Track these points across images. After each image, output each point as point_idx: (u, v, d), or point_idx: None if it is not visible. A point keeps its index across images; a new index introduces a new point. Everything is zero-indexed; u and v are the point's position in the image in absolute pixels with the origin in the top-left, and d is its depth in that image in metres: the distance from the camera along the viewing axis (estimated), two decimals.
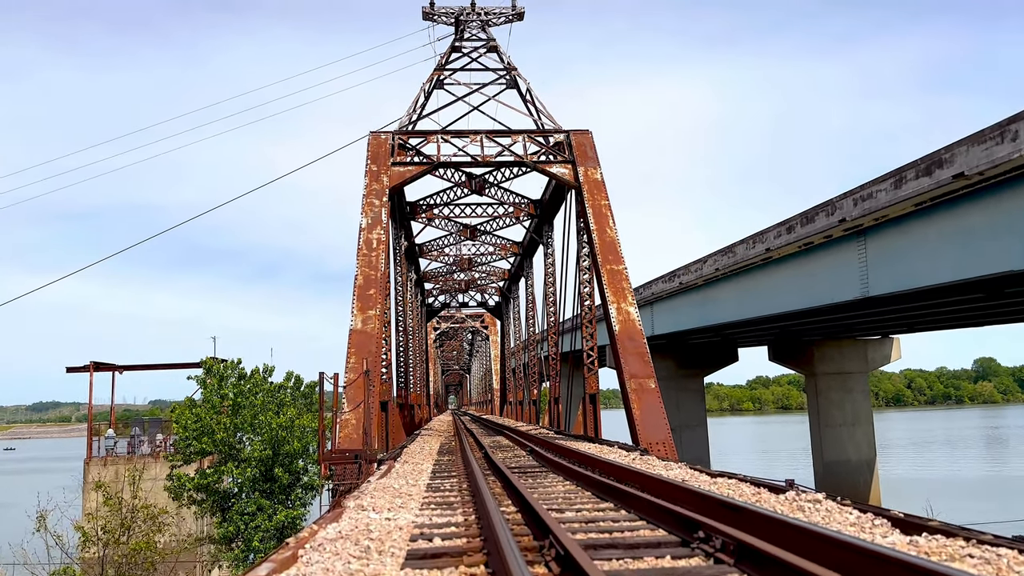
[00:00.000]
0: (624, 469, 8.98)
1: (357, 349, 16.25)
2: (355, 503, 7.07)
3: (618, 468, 9.24)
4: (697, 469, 9.79)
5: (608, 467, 9.75)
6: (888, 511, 5.61)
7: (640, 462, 11.48)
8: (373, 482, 9.35)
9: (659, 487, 7.45)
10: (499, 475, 10.36)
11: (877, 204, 23.06)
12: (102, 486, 21.20)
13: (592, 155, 21.20)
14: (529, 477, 10.38)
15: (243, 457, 29.19)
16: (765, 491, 7.35)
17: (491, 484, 9.51)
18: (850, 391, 41.85)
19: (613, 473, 9.25)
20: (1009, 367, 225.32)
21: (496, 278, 45.03)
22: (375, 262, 18.35)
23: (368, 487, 8.75)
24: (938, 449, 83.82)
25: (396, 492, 8.39)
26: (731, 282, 34.20)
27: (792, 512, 6.10)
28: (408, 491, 8.63)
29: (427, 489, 9.07)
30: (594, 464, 10.48)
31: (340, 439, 15.09)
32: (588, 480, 8.94)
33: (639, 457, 12.40)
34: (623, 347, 16.68)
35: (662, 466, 10.55)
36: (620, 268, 18.40)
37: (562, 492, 8.53)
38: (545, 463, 12.26)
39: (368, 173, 20.48)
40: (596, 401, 21.20)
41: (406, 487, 9.05)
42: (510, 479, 9.01)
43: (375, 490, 8.44)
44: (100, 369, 45.85)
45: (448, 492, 8.74)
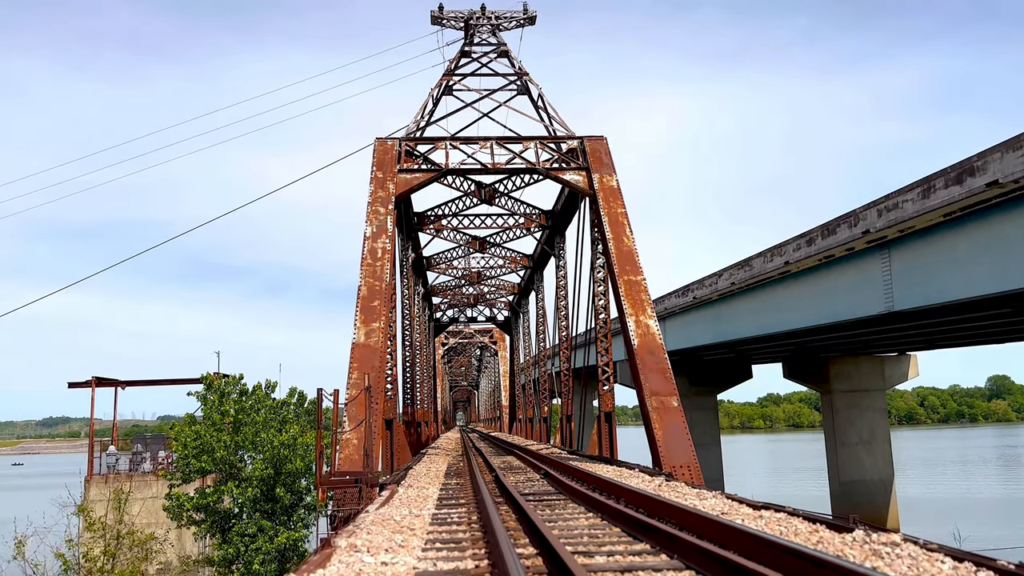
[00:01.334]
0: (654, 500, 7.94)
1: (360, 364, 15.29)
2: (347, 542, 6.07)
3: (647, 499, 8.21)
4: (735, 498, 8.75)
5: (634, 496, 8.72)
6: (993, 561, 4.57)
7: (667, 489, 10.43)
8: (371, 512, 8.34)
9: (700, 524, 6.42)
10: (512, 504, 9.34)
11: (903, 215, 22.20)
12: (85, 510, 20.16)
13: (608, 161, 20.27)
14: (546, 506, 9.35)
15: (244, 476, 28.23)
16: (824, 529, 6.30)
17: (503, 515, 8.49)
18: (867, 409, 40.93)
19: (642, 504, 8.22)
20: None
21: (505, 292, 44.07)
22: (380, 272, 17.42)
23: (365, 519, 7.75)
24: (954, 468, 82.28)
25: (397, 526, 7.38)
26: (747, 297, 33.38)
27: (868, 559, 5.07)
28: (411, 524, 7.63)
29: (432, 521, 8.07)
30: (618, 492, 9.45)
31: (340, 460, 14.09)
32: (613, 512, 7.91)
33: (664, 483, 11.34)
34: (643, 362, 15.64)
35: (694, 495, 9.50)
36: (638, 279, 17.40)
37: (585, 527, 7.49)
38: (562, 489, 11.22)
39: (373, 180, 19.61)
40: (612, 419, 20.12)
41: (408, 518, 8.04)
42: (525, 510, 7.99)
43: (373, 523, 7.44)
44: (102, 384, 45.02)
45: (456, 526, 7.72)
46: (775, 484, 62.29)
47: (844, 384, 40.70)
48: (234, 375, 30.05)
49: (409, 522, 7.73)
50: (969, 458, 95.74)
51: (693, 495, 9.45)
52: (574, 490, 10.38)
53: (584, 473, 12.27)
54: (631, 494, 8.88)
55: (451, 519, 8.25)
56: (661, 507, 7.74)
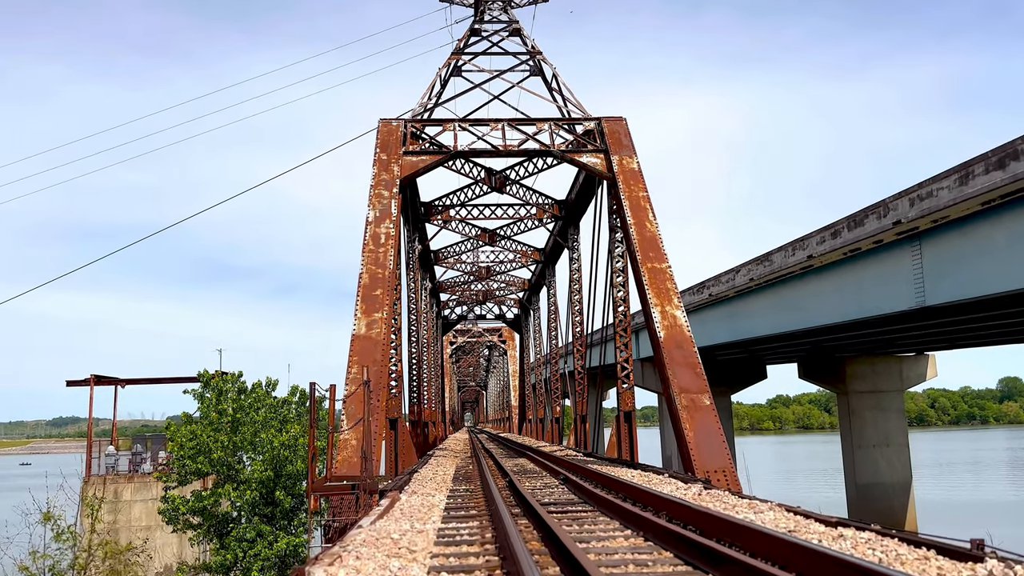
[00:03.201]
0: (704, 515, 6.56)
1: (360, 358, 13.96)
2: (327, 572, 4.72)
3: (693, 512, 6.82)
4: (797, 511, 7.35)
5: (677, 509, 7.34)
6: None
7: (710, 499, 9.03)
8: (365, 528, 6.97)
9: (775, 548, 5.05)
10: (532, 516, 7.97)
11: (938, 203, 20.89)
12: (51, 518, 18.77)
13: (627, 143, 18.89)
14: (573, 520, 7.97)
15: (242, 478, 26.96)
16: (939, 557, 4.90)
17: (523, 530, 7.13)
18: (884, 410, 39.77)
19: (688, 519, 6.84)
20: None
21: (515, 288, 42.68)
22: (383, 259, 16.08)
23: (356, 536, 6.39)
24: (969, 471, 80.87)
25: (394, 546, 6.02)
26: (766, 293, 32.07)
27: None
28: (411, 543, 6.27)
29: (437, 539, 6.70)
30: (656, 503, 8.07)
31: (337, 463, 12.77)
32: (657, 530, 6.53)
33: (703, 491, 9.93)
34: (670, 357, 14.24)
35: (745, 506, 8.10)
36: (663, 267, 16.00)
37: (627, 549, 6.10)
38: (587, 497, 9.84)
39: (377, 162, 18.27)
40: (632, 420, 18.72)
41: (409, 535, 6.68)
42: (549, 526, 6.62)
43: (364, 543, 6.08)
44: (101, 383, 43.83)
45: (467, 547, 6.35)
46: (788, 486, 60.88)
47: (861, 385, 39.63)
48: (233, 373, 28.79)
49: (410, 540, 6.37)
50: (983, 460, 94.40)
51: (744, 506, 8.05)
52: (602, 499, 9.01)
53: (609, 479, 10.89)
54: (673, 506, 7.50)
55: (460, 536, 6.88)
56: (714, 523, 6.37)
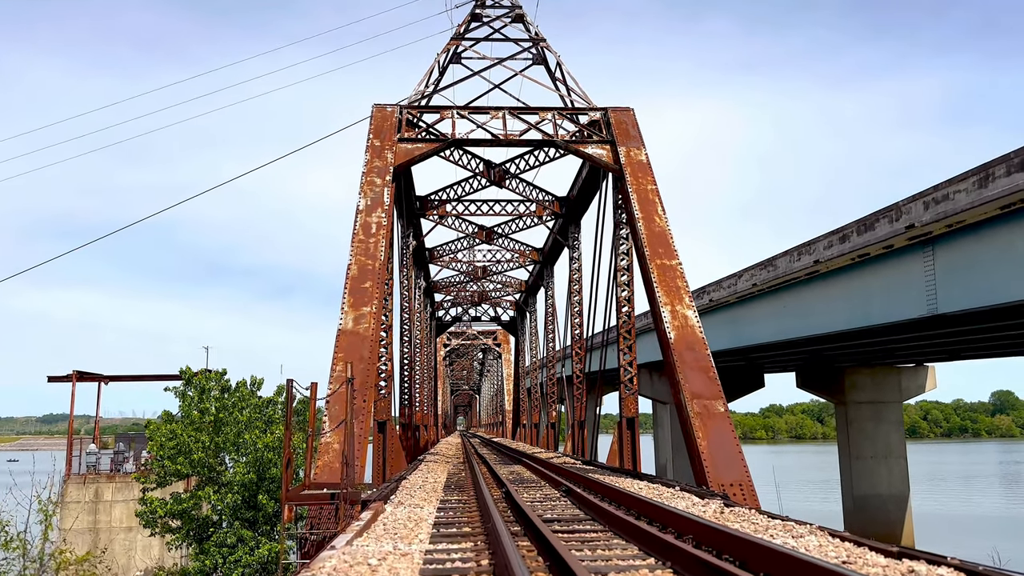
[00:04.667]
0: (744, 542, 5.49)
1: (346, 354, 12.86)
2: None
3: (730, 538, 5.75)
4: (845, 538, 6.28)
5: (704, 532, 6.26)
6: None
7: (735, 518, 7.96)
8: (339, 549, 5.87)
9: None
10: (534, 536, 6.89)
11: (955, 207, 20.06)
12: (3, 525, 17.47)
13: (635, 134, 17.86)
14: (582, 543, 6.88)
15: (224, 481, 25.81)
16: None
17: (526, 555, 6.06)
18: (883, 421, 39.18)
19: (723, 546, 5.76)
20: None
21: (512, 290, 41.60)
22: (373, 250, 15.00)
23: (326, 563, 5.29)
24: (962, 484, 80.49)
25: (371, 575, 4.93)
26: (769, 299, 31.29)
27: None
28: (393, 572, 5.18)
29: (424, 566, 5.61)
30: (675, 523, 6.99)
31: (317, 470, 11.66)
32: (686, 559, 5.45)
33: (724, 508, 8.86)
34: (681, 360, 13.19)
35: (780, 527, 7.03)
36: (673, 263, 14.96)
37: None
38: (594, 513, 8.76)
39: (370, 148, 17.21)
40: (635, 427, 17.65)
41: (390, 561, 5.60)
42: (558, 552, 5.54)
43: (335, 571, 5.00)
44: (84, 379, 42.57)
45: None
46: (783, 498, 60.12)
47: (860, 395, 39.05)
48: (216, 370, 27.64)
49: (390, 568, 5.27)
50: (975, 474, 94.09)
51: (779, 528, 6.98)
52: (612, 516, 7.93)
53: (617, 491, 9.81)
54: (698, 528, 6.42)
55: (451, 562, 5.79)
56: (754, 552, 5.30)
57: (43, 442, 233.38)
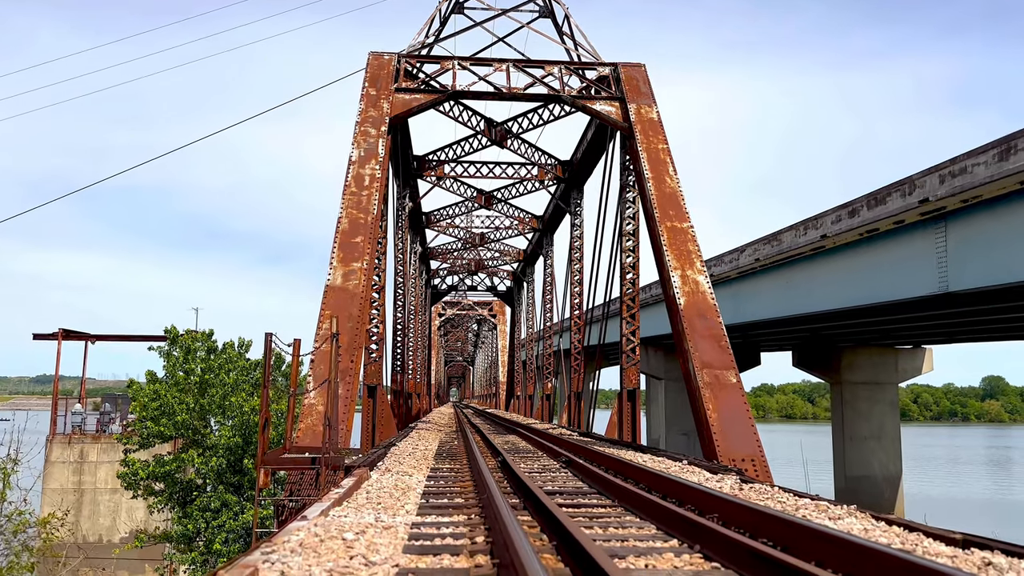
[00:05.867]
0: (786, 523, 4.69)
1: (333, 311, 11.99)
2: None
3: (766, 518, 4.94)
4: (891, 520, 5.49)
5: (731, 510, 5.46)
6: None
7: (757, 495, 7.18)
8: (311, 520, 5.04)
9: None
10: (536, 509, 6.09)
11: (972, 180, 19.26)
12: None
13: (646, 91, 16.86)
14: (591, 518, 6.07)
15: (209, 444, 25.10)
16: None
17: (528, 530, 5.26)
18: (878, 402, 38.72)
19: (758, 527, 4.96)
20: (1017, 386, 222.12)
21: (510, 259, 40.70)
22: (365, 203, 14.06)
23: (293, 536, 4.46)
24: (952, 466, 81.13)
25: (344, 553, 4.11)
26: (772, 275, 30.53)
27: None
28: (369, 549, 4.36)
29: (409, 542, 4.79)
30: (695, 498, 6.19)
31: (299, 432, 10.87)
32: (716, 541, 4.65)
33: (743, 485, 8.09)
34: (691, 327, 12.36)
35: (811, 506, 6.24)
36: (684, 226, 14.07)
37: (690, 574, 4.19)
38: (600, 485, 7.96)
39: (364, 97, 16.18)
40: (636, 399, 16.90)
41: (370, 534, 4.77)
42: (567, 530, 4.73)
43: (302, 546, 4.17)
44: (70, 338, 41.70)
45: (450, 557, 4.43)
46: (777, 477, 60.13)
47: (855, 376, 38.52)
48: (203, 331, 26.80)
49: (368, 543, 4.45)
50: (965, 457, 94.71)
51: (809, 507, 6.18)
52: (620, 489, 7.13)
53: (622, 463, 9.02)
54: (724, 505, 5.62)
55: (442, 537, 4.96)
56: (799, 535, 4.50)
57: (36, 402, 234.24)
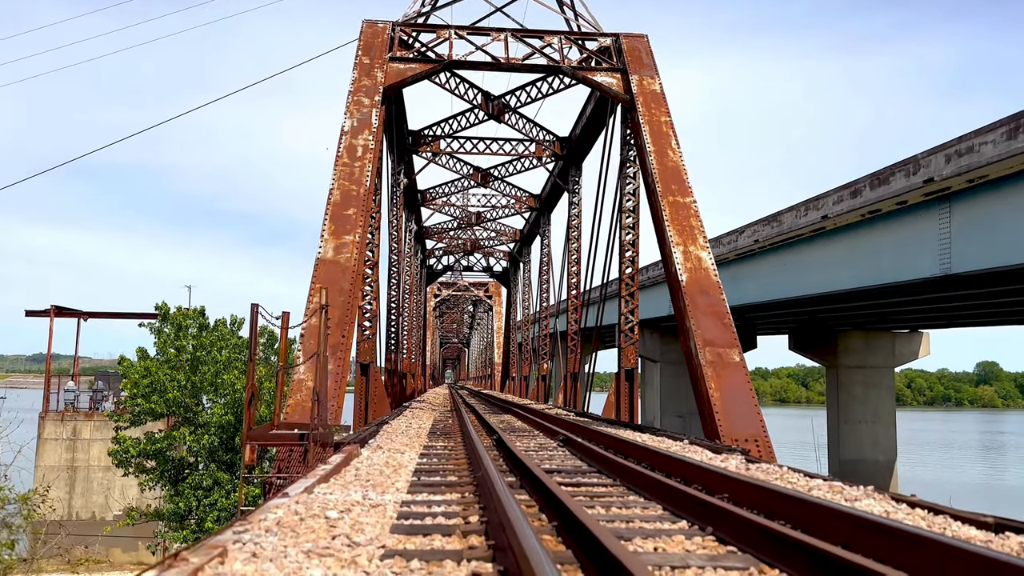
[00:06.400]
0: (807, 504, 4.34)
1: (325, 285, 11.60)
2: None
3: (786, 499, 4.60)
4: (915, 503, 5.16)
5: (746, 490, 5.12)
6: None
7: (765, 475, 6.84)
8: (293, 497, 4.68)
9: None
10: (535, 488, 5.74)
11: (979, 159, 18.92)
12: None
13: (649, 62, 16.39)
14: (595, 500, 5.72)
15: (201, 422, 24.80)
16: None
17: (526, 511, 4.91)
18: (874, 387, 38.60)
19: (778, 510, 4.61)
20: (1011, 372, 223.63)
21: (506, 239, 40.26)
22: (358, 175, 13.62)
23: (270, 514, 4.10)
24: (948, 451, 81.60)
25: (325, 534, 3.75)
26: (771, 257, 30.25)
27: None
28: (354, 529, 4.00)
29: (397, 520, 4.43)
30: (701, 477, 5.85)
31: (288, 408, 10.53)
32: (733, 523, 4.31)
33: (749, 464, 7.76)
34: (693, 304, 12.00)
35: (825, 487, 5.90)
36: (687, 201, 13.68)
37: (706, 560, 3.84)
38: (600, 464, 7.63)
39: (358, 66, 15.67)
40: (634, 378, 16.60)
41: (356, 513, 4.41)
42: (569, 510, 4.38)
43: (280, 525, 3.81)
44: (62, 315, 41.25)
45: (441, 538, 4.07)
46: None
47: (852, 359, 38.34)
48: (194, 308, 26.40)
49: (353, 523, 4.09)
50: (958, 442, 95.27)
51: (824, 488, 5.85)
52: (621, 467, 6.79)
53: (621, 441, 8.68)
54: (734, 484, 5.27)
55: (433, 516, 4.61)
56: (820, 516, 4.16)
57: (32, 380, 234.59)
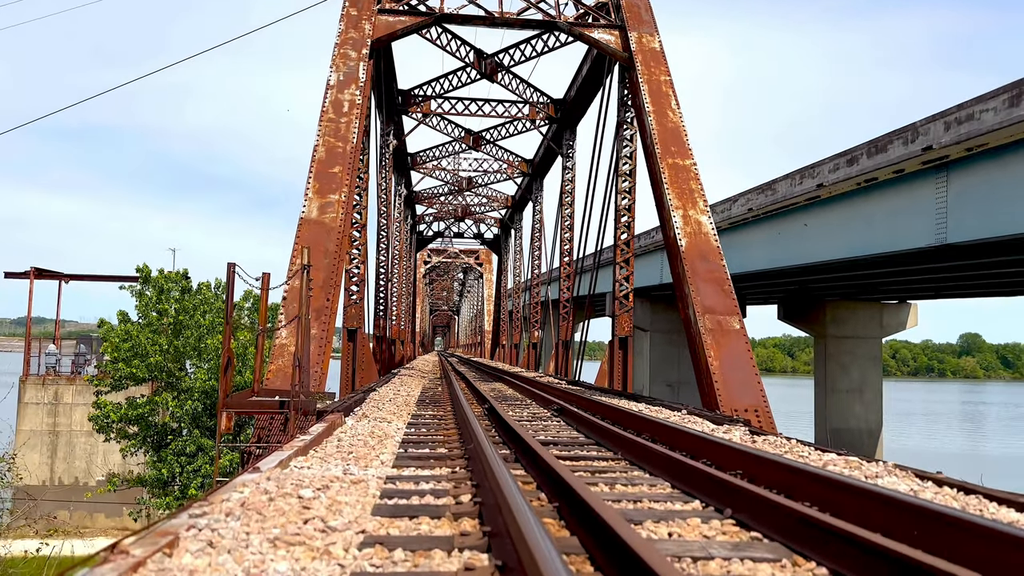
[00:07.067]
0: (836, 483, 3.92)
1: (308, 246, 11.04)
2: None
3: (811, 477, 4.18)
4: (947, 482, 4.76)
5: (763, 467, 4.70)
6: None
7: (773, 448, 6.44)
8: (265, 472, 4.21)
9: None
10: (531, 463, 5.31)
11: (979, 127, 18.47)
12: None
13: (648, 19, 15.70)
14: (597, 476, 5.28)
15: (184, 387, 24.32)
16: None
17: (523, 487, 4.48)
18: (861, 357, 38.59)
19: (799, 489, 4.20)
20: (993, 344, 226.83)
21: (498, 205, 39.60)
22: (344, 131, 12.98)
23: (234, 494, 3.63)
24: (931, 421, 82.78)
25: (297, 516, 3.29)
26: (764, 225, 29.86)
27: None
28: (331, 510, 3.54)
29: (380, 500, 3.98)
30: (710, 451, 5.44)
31: (270, 374, 10.05)
32: (755, 505, 3.89)
33: (756, 437, 7.36)
34: (692, 270, 11.55)
35: (843, 462, 5.48)
36: (687, 163, 13.14)
37: (729, 547, 3.41)
38: (598, 435, 7.21)
39: (344, 18, 14.91)
40: (628, 346, 16.20)
41: (334, 491, 3.96)
42: (572, 488, 3.94)
43: (245, 506, 3.34)
44: (42, 276, 40.42)
45: (429, 521, 3.62)
46: None
47: (839, 330, 38.29)
48: (177, 271, 25.74)
49: (330, 503, 3.64)
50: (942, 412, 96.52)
51: (840, 463, 5.44)
52: (621, 439, 6.37)
53: (618, 411, 8.27)
54: (748, 459, 4.86)
55: (420, 493, 4.16)
56: (850, 496, 3.75)
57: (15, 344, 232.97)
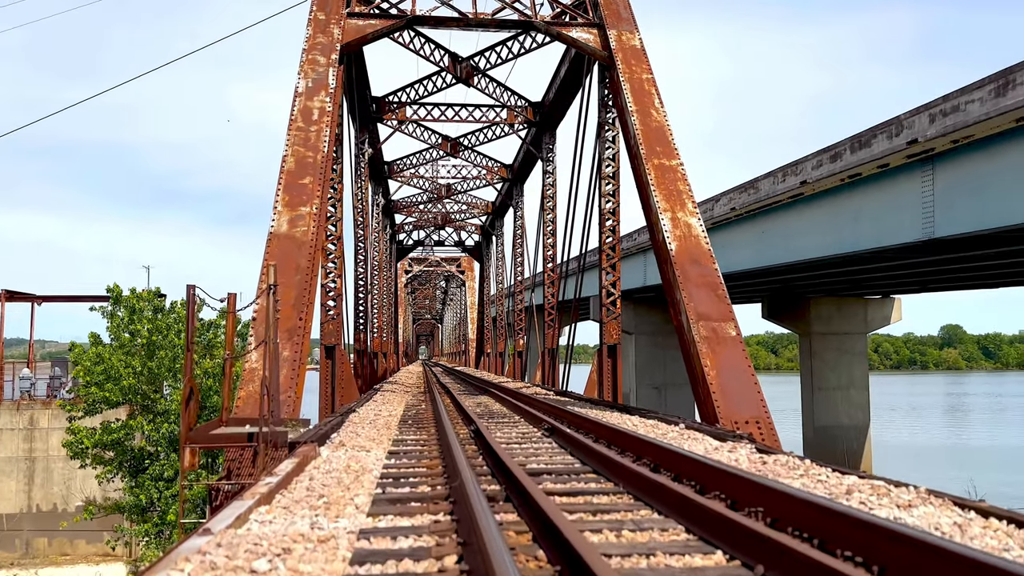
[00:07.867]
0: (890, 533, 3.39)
1: (278, 262, 10.42)
2: None
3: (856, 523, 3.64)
4: (992, 512, 4.25)
5: (785, 502, 4.17)
6: None
7: (785, 470, 5.90)
8: (214, 537, 3.60)
9: None
10: (524, 504, 4.73)
11: (965, 119, 18.31)
12: None
13: (627, 16, 15.24)
14: (600, 518, 4.69)
15: (160, 410, 23.50)
16: None
17: (516, 538, 3.90)
18: (847, 353, 38.66)
19: (839, 535, 3.66)
20: (974, 335, 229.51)
21: (478, 212, 39.03)
22: (315, 140, 12.36)
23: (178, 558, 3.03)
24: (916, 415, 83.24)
25: None
26: (748, 224, 29.71)
27: None
28: None
29: (351, 569, 3.39)
30: (721, 482, 4.89)
31: (239, 401, 9.39)
32: (793, 561, 3.34)
33: (766, 457, 6.82)
34: (684, 275, 11.04)
35: (869, 488, 4.96)
36: (674, 163, 12.65)
37: None
38: (593, 461, 6.63)
39: (312, 23, 14.30)
40: (617, 355, 15.68)
41: (295, 563, 3.36)
42: (577, 552, 3.37)
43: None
44: (14, 299, 39.28)
45: None
46: None
47: (824, 326, 38.30)
48: (149, 289, 24.92)
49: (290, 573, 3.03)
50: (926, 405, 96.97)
51: (866, 489, 4.91)
52: (623, 470, 5.81)
53: (613, 431, 7.70)
54: (770, 495, 4.32)
55: (398, 555, 3.57)
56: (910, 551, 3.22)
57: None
